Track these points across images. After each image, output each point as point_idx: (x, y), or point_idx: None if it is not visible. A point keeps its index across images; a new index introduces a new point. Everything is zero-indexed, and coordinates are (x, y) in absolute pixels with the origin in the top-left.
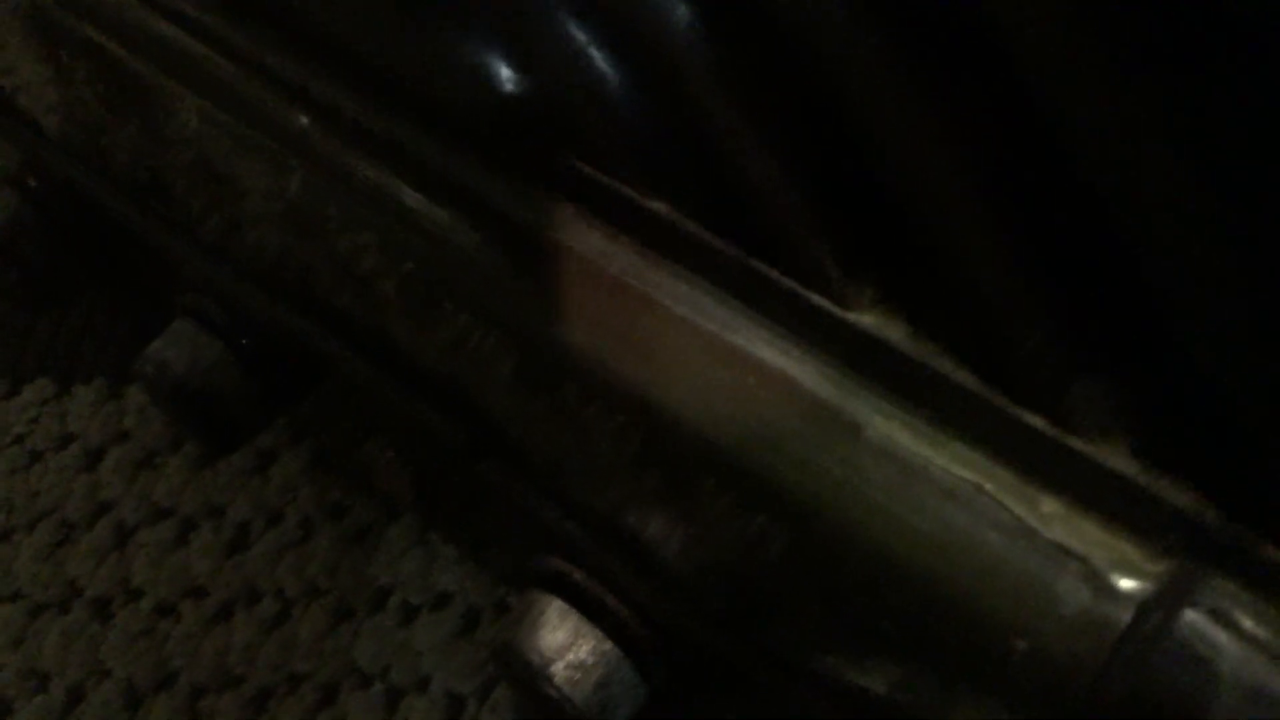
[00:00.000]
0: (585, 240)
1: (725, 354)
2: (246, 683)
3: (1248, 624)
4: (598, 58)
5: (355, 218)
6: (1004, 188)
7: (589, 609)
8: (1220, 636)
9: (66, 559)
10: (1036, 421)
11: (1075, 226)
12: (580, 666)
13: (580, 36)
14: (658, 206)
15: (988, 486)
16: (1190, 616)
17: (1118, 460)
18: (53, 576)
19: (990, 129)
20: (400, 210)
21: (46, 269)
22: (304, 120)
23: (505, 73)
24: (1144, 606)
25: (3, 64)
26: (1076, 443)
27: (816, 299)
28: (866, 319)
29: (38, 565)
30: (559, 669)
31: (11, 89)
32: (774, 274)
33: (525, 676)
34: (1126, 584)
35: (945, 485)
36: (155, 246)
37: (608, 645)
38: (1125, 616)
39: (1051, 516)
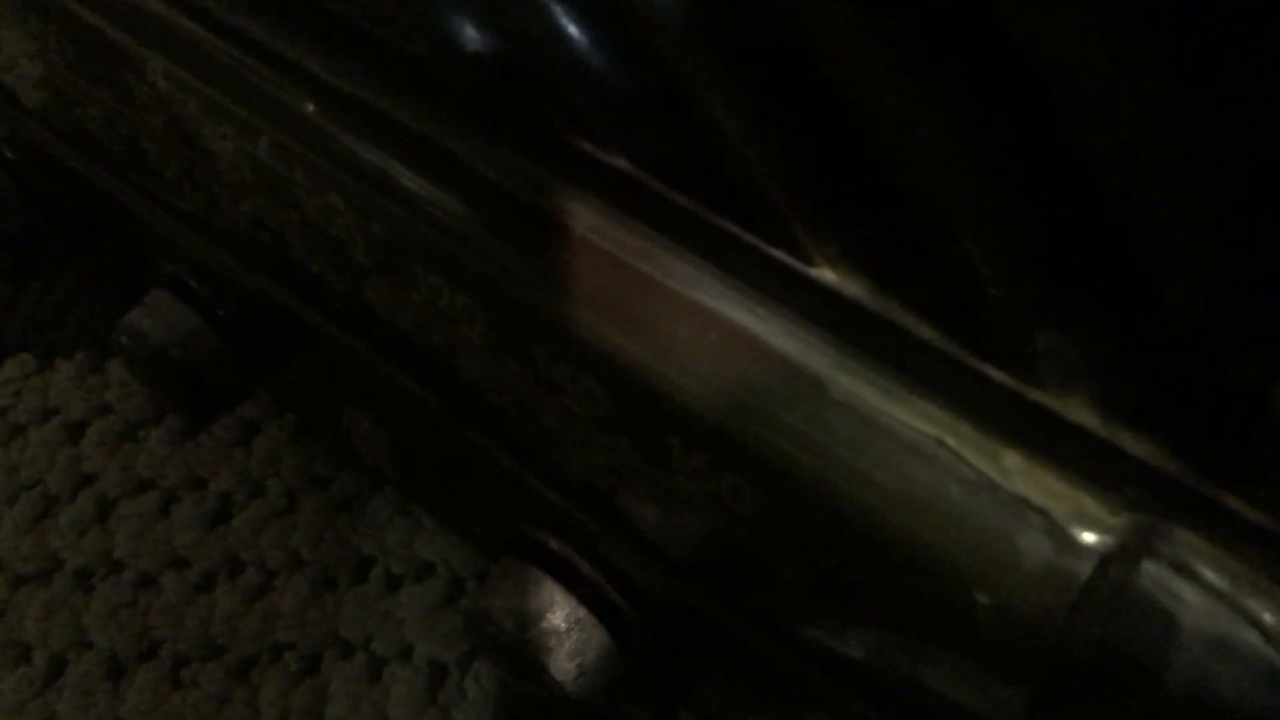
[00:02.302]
0: (551, 200)
1: (690, 312)
2: (229, 652)
3: (1209, 575)
4: (561, 12)
5: (323, 180)
6: (970, 141)
7: (564, 577)
8: (1181, 588)
9: (48, 531)
10: (999, 375)
11: (1041, 177)
12: (555, 633)
13: None
14: (622, 164)
15: (949, 441)
16: (1151, 568)
17: (1080, 413)
18: (34, 549)
19: (957, 78)
20: (367, 171)
21: (28, 242)
22: (270, 81)
23: (471, 31)
24: (1105, 559)
25: None
26: (1039, 396)
27: (780, 255)
28: (830, 275)
29: (19, 538)
30: (534, 636)
31: None
32: (738, 230)
33: (500, 643)
34: (1088, 537)
35: (908, 440)
36: (134, 217)
37: (583, 612)
38: (1086, 569)
39: (1013, 470)
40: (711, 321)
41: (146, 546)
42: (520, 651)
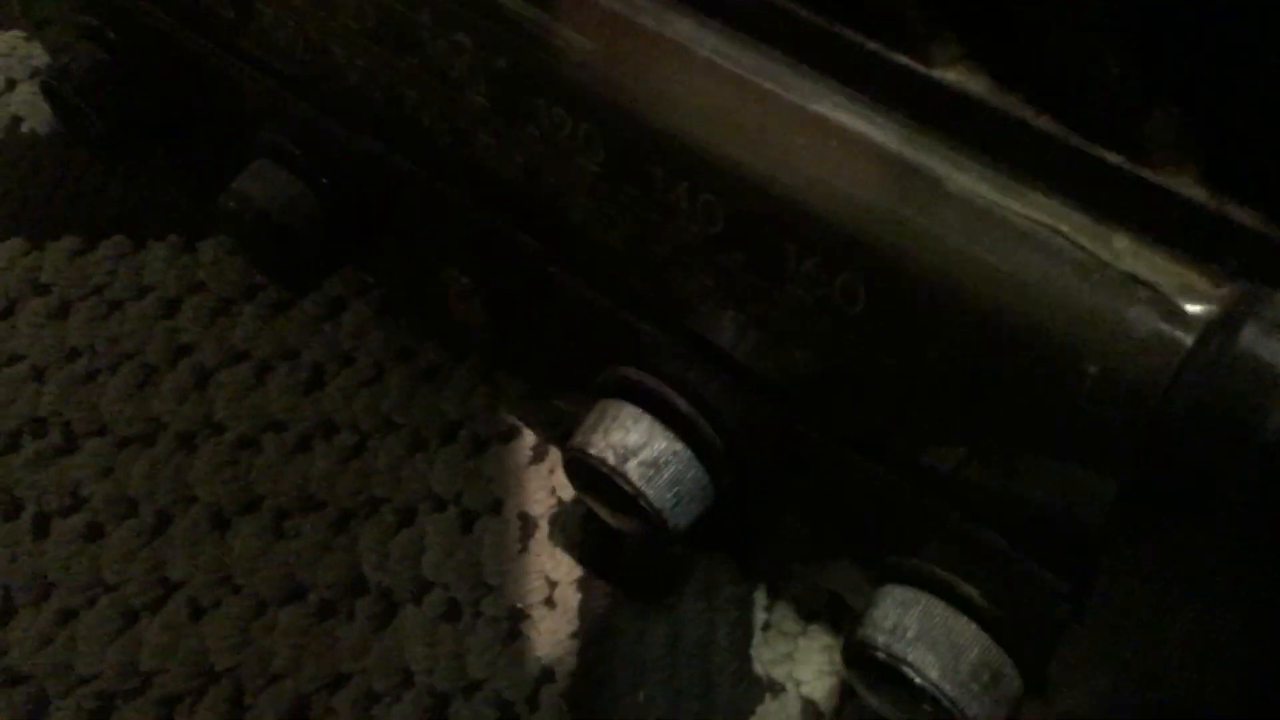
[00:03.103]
0: (674, 26)
1: (810, 123)
2: (329, 506)
3: None
4: None
5: (450, 19)
6: None
7: (661, 412)
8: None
9: (150, 398)
10: (1113, 157)
11: None
12: (654, 464)
13: None
14: None
15: (1063, 228)
16: (1251, 331)
17: (1189, 188)
18: (137, 413)
19: None
20: (494, 9)
21: (126, 120)
22: None
23: None
24: (1209, 326)
25: None
26: (1150, 174)
27: (901, 59)
28: (950, 75)
29: (122, 403)
30: (633, 466)
31: None
32: (860, 39)
33: (601, 475)
34: (1193, 307)
35: (1022, 229)
36: (235, 90)
37: (680, 445)
38: (1191, 336)
39: (1123, 250)
40: (831, 130)
41: (245, 411)
42: (621, 482)
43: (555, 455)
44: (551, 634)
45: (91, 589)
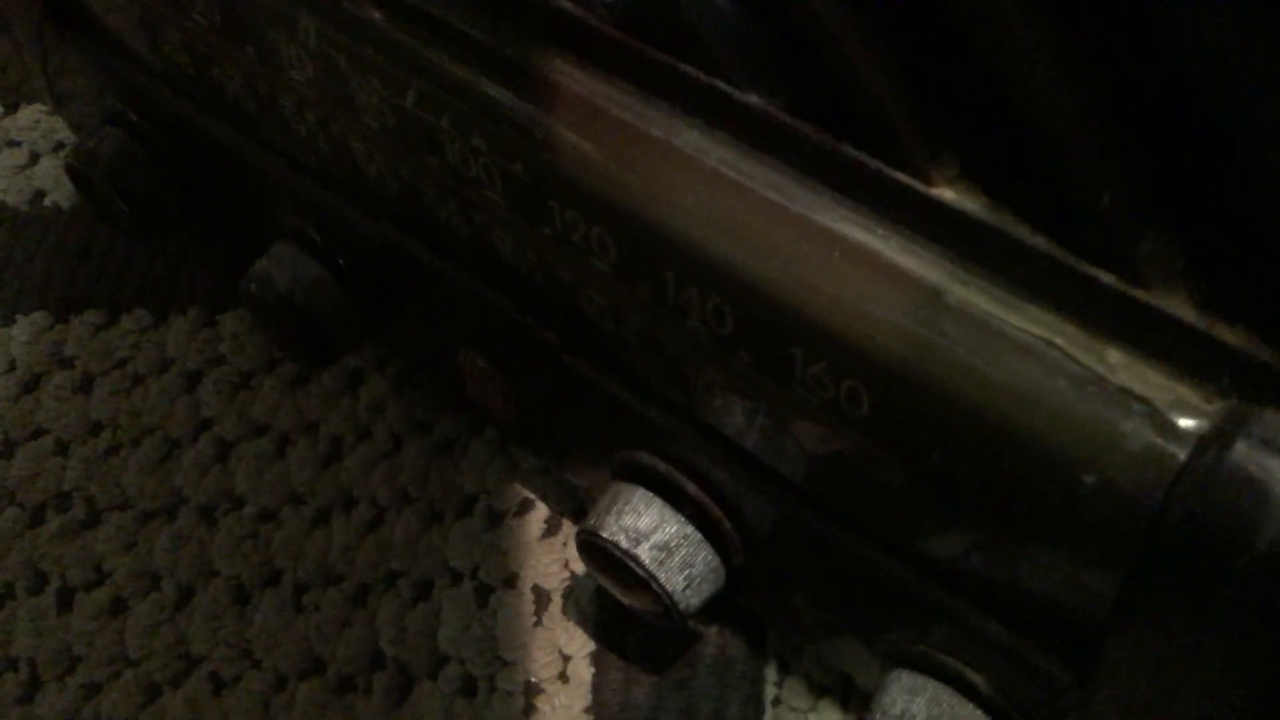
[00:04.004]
0: (682, 136)
1: (814, 234)
2: (347, 580)
3: None
4: None
5: (468, 125)
6: (1080, 51)
7: (672, 497)
8: (1271, 462)
9: (172, 472)
10: (1106, 277)
11: (1148, 89)
12: (666, 548)
13: None
14: (752, 100)
15: (1058, 341)
16: (1243, 447)
17: (1179, 309)
18: (159, 487)
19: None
20: (510, 116)
21: (151, 203)
22: (419, 37)
23: None
24: (1202, 441)
25: (109, 3)
26: (1142, 294)
27: (901, 177)
28: (948, 193)
29: (144, 478)
30: (645, 550)
31: (117, 28)
32: (862, 157)
33: (613, 559)
34: (1186, 422)
35: (1020, 342)
36: (256, 175)
37: (690, 529)
38: (1185, 451)
39: (1117, 365)
40: (834, 242)
41: (265, 484)
42: (632, 565)
43: (568, 529)
44: (566, 709)
45: (115, 663)
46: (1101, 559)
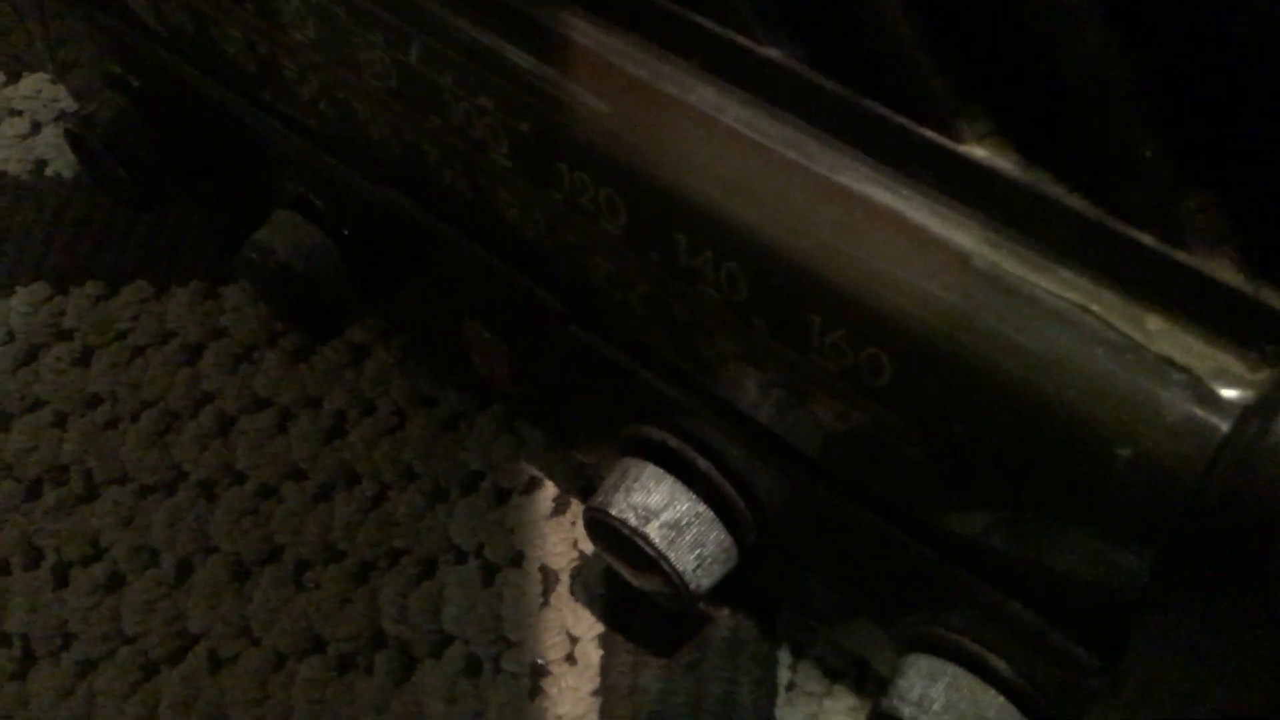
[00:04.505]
0: (697, 92)
1: (835, 195)
2: (349, 557)
3: None
4: None
5: (474, 83)
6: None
7: (683, 473)
8: None
9: (171, 445)
10: (1146, 239)
11: (1190, 36)
12: (676, 526)
13: None
14: (772, 53)
15: (1094, 307)
16: None
17: (1223, 272)
18: (159, 461)
19: None
20: (517, 72)
21: (149, 169)
22: None
23: None
24: (1245, 412)
25: None
26: (1185, 257)
27: (929, 134)
28: (979, 151)
29: (143, 451)
30: (655, 528)
31: None
32: (886, 113)
33: (622, 538)
34: (1229, 392)
35: (1053, 307)
36: (257, 140)
37: (702, 507)
38: (1227, 423)
39: (1157, 332)
40: (856, 203)
41: (266, 459)
42: (642, 544)
43: (577, 507)
44: (573, 691)
45: (111, 640)
46: (1134, 536)
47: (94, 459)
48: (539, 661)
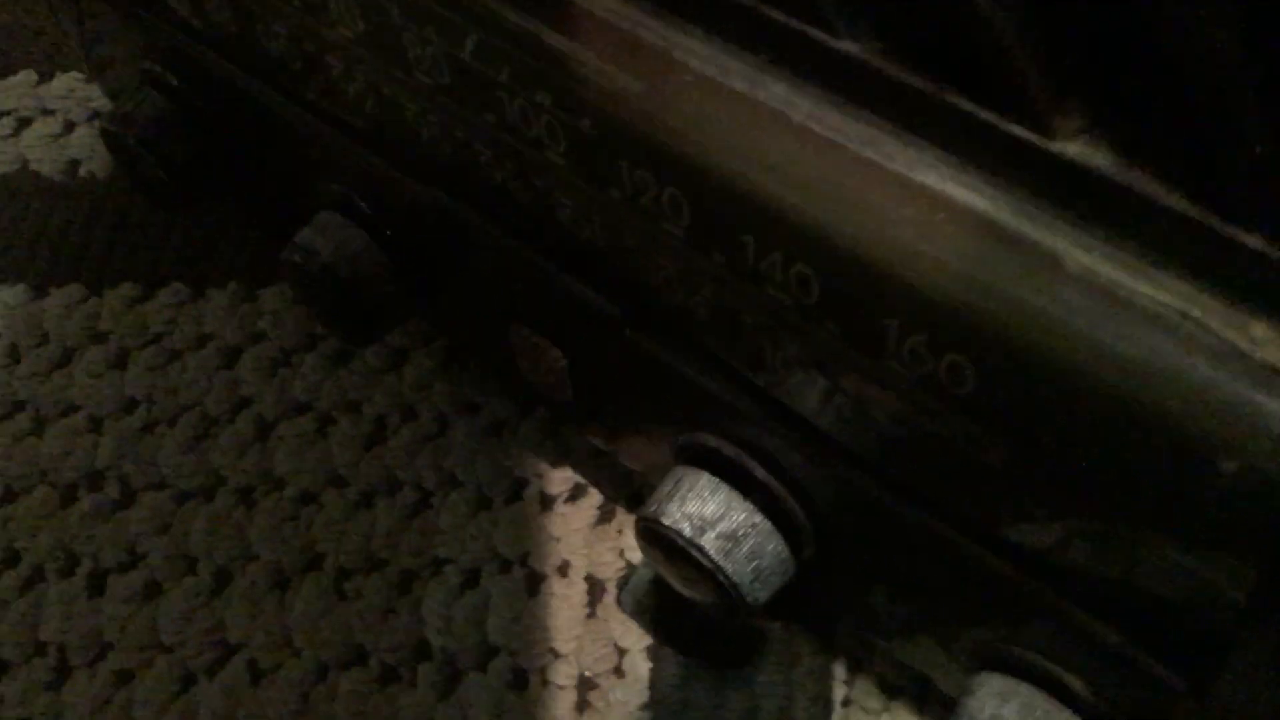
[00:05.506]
0: (768, 89)
1: (915, 194)
2: (391, 566)
3: None
4: None
5: (531, 78)
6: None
7: (739, 482)
8: None
9: (209, 450)
10: (1253, 241)
11: None
12: (733, 537)
13: None
14: (848, 48)
15: (1195, 312)
16: None
17: None
18: (196, 467)
19: None
20: (577, 70)
21: (189, 170)
22: None
23: None
24: None
25: None
26: None
27: (1018, 130)
28: (1071, 148)
29: (181, 457)
30: (711, 539)
31: None
32: (971, 108)
33: (676, 549)
34: None
35: (1150, 312)
36: (299, 140)
37: (759, 518)
38: None
39: (1263, 340)
40: (938, 202)
41: (306, 465)
42: (696, 555)
43: (623, 516)
44: (622, 705)
45: (148, 650)
46: (1233, 553)
47: (130, 464)
48: (586, 674)
